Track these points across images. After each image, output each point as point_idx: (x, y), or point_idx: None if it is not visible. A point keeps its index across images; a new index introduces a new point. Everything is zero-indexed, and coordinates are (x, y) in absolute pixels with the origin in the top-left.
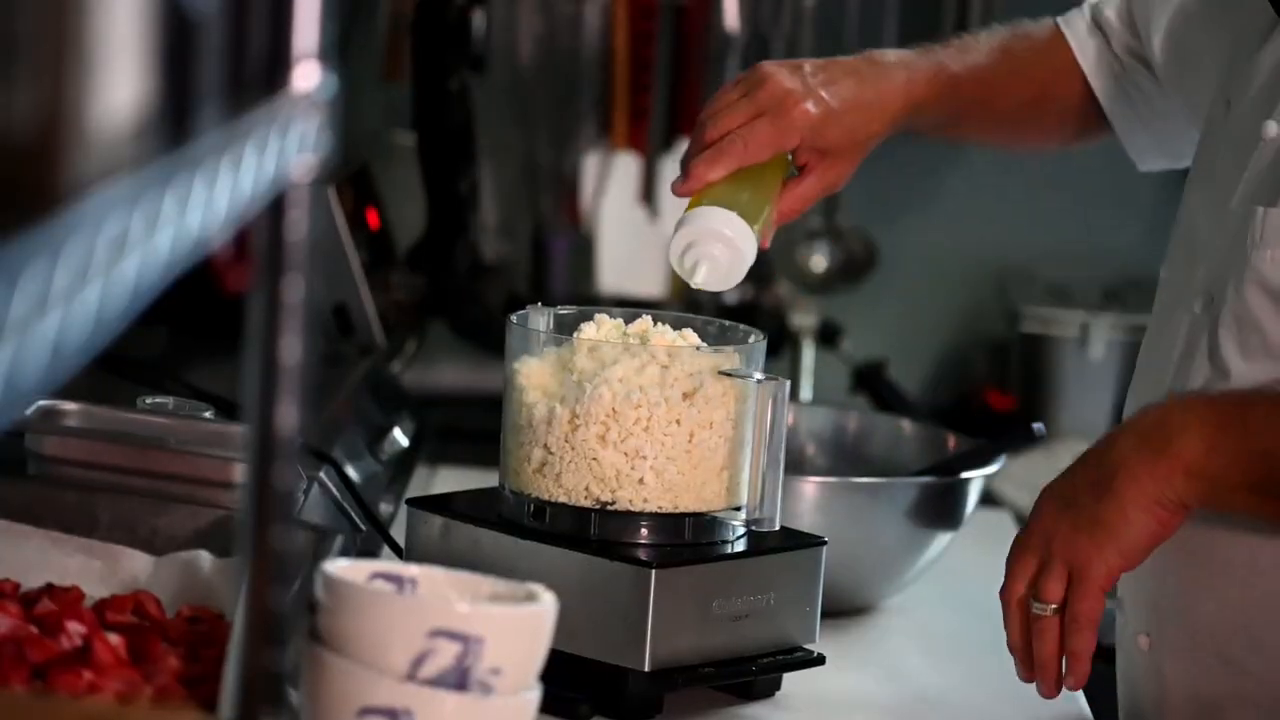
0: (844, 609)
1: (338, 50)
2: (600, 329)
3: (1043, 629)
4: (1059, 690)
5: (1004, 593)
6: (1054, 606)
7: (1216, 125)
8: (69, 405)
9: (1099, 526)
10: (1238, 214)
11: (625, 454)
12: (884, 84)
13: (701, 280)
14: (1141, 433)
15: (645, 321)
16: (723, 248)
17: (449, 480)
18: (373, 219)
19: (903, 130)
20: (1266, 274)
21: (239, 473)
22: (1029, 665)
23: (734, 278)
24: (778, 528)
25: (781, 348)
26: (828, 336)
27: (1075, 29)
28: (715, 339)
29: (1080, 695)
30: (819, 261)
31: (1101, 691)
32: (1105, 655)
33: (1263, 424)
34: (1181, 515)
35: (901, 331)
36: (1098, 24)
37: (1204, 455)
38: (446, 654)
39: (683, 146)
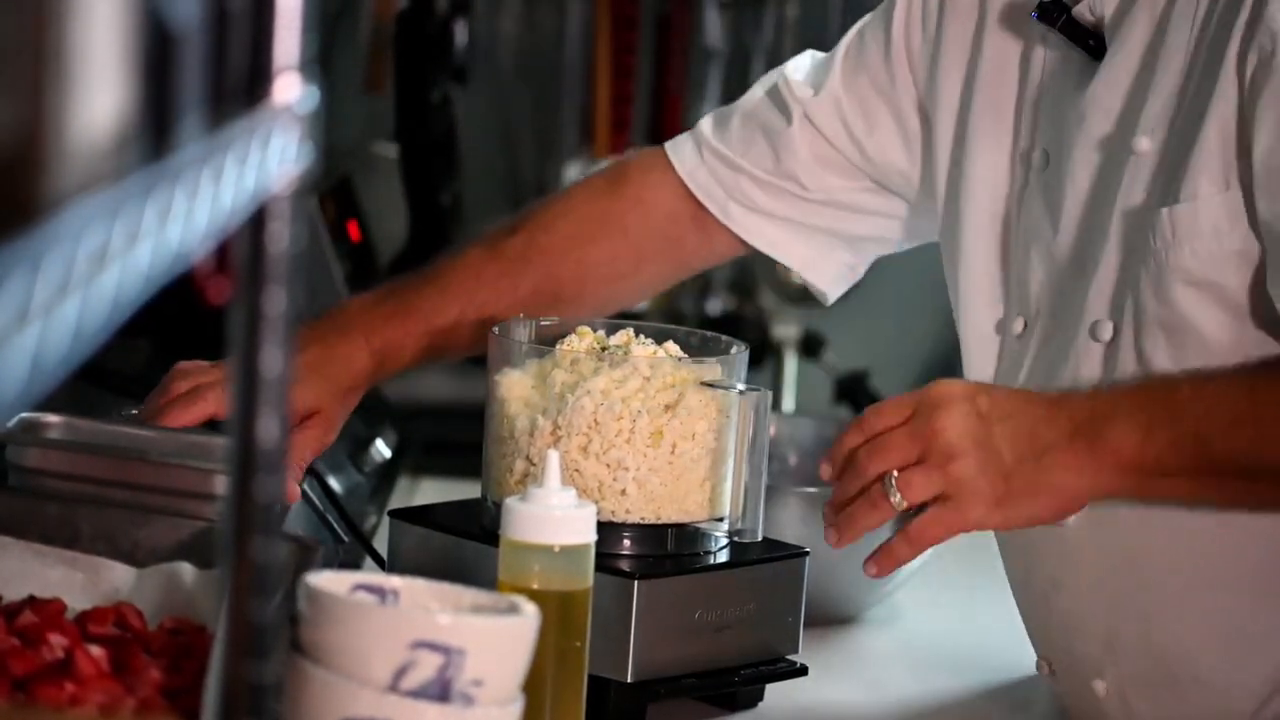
0: (827, 619)
1: (319, 62)
2: (582, 341)
3: (878, 506)
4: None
5: (844, 437)
6: (907, 506)
7: (1018, 181)
8: (50, 417)
9: (1007, 489)
10: (1120, 229)
11: (607, 465)
12: None
13: None
14: (1075, 423)
15: (627, 333)
16: None
17: (431, 492)
18: (354, 231)
19: None
20: (1191, 267)
21: (221, 485)
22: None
23: None
24: (760, 539)
25: (764, 359)
26: (810, 347)
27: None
28: (697, 350)
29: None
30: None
31: None
32: None
33: (1188, 407)
34: (1082, 507)
35: (884, 342)
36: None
37: (1138, 446)
38: (428, 665)
39: None
